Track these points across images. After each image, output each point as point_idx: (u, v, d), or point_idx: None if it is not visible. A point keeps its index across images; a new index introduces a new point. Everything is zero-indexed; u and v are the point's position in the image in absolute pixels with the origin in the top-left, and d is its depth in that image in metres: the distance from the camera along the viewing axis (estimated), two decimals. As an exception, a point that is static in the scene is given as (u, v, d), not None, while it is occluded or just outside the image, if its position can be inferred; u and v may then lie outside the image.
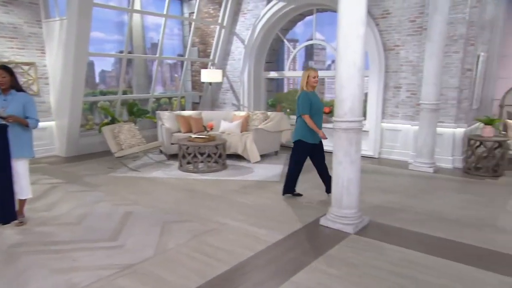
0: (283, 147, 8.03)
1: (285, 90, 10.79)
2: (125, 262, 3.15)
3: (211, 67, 9.12)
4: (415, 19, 6.45)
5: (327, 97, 9.82)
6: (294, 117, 8.63)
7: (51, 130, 7.40)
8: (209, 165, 6.28)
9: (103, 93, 9.29)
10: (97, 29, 8.80)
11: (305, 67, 9.83)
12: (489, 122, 5.93)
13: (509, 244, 3.44)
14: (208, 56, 9.25)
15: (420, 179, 5.78)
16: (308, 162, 4.75)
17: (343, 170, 3.75)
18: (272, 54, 9.08)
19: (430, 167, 6.20)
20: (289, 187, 4.85)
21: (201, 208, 4.48)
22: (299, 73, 9.50)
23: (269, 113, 7.59)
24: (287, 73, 8.78)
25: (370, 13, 6.82)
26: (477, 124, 6.61)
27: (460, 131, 6.40)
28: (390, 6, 6.66)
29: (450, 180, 5.75)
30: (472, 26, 5.95)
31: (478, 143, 6.06)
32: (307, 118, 4.42)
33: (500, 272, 2.94)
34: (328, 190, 4.61)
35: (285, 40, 8.70)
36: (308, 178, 5.41)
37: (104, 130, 6.40)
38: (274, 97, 9.47)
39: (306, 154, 4.67)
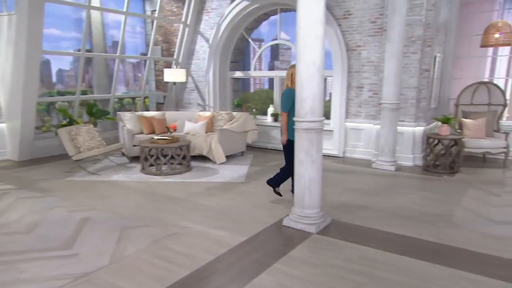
0: (249, 147, 8.04)
1: (252, 90, 10.81)
2: (79, 271, 3.02)
3: (176, 67, 8.97)
4: (375, 20, 6.63)
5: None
6: (260, 117, 8.68)
7: (2, 133, 7.00)
8: (173, 167, 6.16)
9: (60, 93, 8.90)
10: (53, 25, 8.43)
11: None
12: (445, 120, 6.20)
13: (462, 239, 3.59)
14: (172, 55, 9.09)
15: (382, 177, 5.95)
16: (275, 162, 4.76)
17: (304, 170, 3.78)
18: (238, 54, 9.05)
19: (392, 165, 6.40)
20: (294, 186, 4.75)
21: (162, 211, 4.38)
22: (265, 73, 9.53)
23: (234, 113, 7.56)
24: (253, 73, 8.79)
25: (332, 13, 6.95)
26: (435, 122, 6.88)
27: (419, 129, 6.65)
28: (351, 7, 6.81)
29: (410, 177, 5.96)
30: (428, 28, 6.20)
31: (436, 141, 6.31)
32: (283, 116, 4.41)
33: (452, 265, 3.06)
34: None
35: (250, 40, 8.70)
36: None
37: (60, 132, 6.13)
38: (240, 97, 9.45)
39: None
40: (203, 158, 7.01)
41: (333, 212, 4.32)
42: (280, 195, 4.79)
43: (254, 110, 8.76)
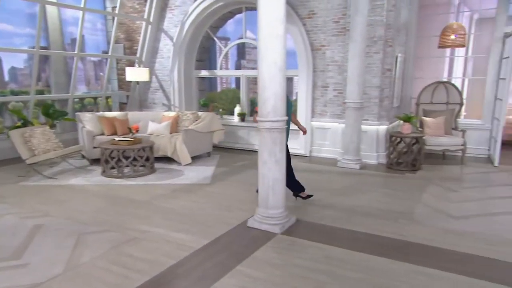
0: (216, 147, 7.97)
1: (219, 89, 10.74)
2: (29, 282, 2.85)
3: (140, 65, 8.74)
4: (338, 20, 6.75)
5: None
6: (227, 117, 8.62)
7: None
8: (135, 169, 5.99)
9: (14, 93, 8.46)
10: (5, 21, 7.99)
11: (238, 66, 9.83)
12: (407, 119, 6.40)
13: (422, 235, 3.71)
14: (135, 53, 8.85)
15: (347, 176, 6.06)
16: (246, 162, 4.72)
17: (268, 170, 3.77)
18: (203, 52, 8.95)
19: (357, 163, 6.53)
20: (296, 188, 4.78)
21: (123, 216, 4.24)
22: (231, 72, 9.50)
23: (200, 113, 7.46)
24: (219, 72, 8.71)
25: (297, 12, 7.01)
26: (398, 121, 7.09)
27: (382, 128, 6.83)
28: (315, 6, 6.90)
29: (374, 175, 6.11)
30: (389, 28, 6.38)
31: (398, 140, 6.51)
32: (293, 117, 4.53)
33: (412, 261, 3.15)
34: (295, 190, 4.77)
35: (215, 38, 8.62)
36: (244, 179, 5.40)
37: (12, 134, 5.81)
38: (207, 96, 9.35)
39: None
40: (168, 159, 6.87)
41: (298, 212, 4.34)
42: (310, 196, 4.80)
43: (220, 110, 8.69)
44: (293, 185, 4.72)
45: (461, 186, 5.43)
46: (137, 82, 8.56)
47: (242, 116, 8.17)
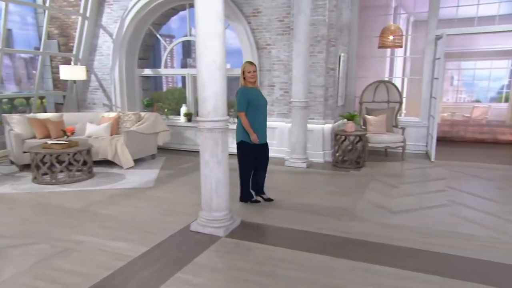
0: (161, 149, 7.74)
1: (164, 88, 10.45)
2: None
3: (76, 63, 8.25)
4: (283, 19, 6.83)
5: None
6: (173, 117, 8.41)
7: None
8: (71, 175, 5.64)
9: None
10: None
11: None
12: (350, 117, 6.62)
13: (363, 231, 3.83)
14: (71, 50, 8.34)
15: (294, 175, 6.14)
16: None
17: (210, 171, 3.70)
18: (146, 50, 8.65)
19: (304, 162, 6.64)
20: (244, 195, 4.63)
21: (54, 226, 3.95)
22: (176, 71, 9.29)
23: (142, 113, 7.20)
24: (163, 70, 8.47)
25: (241, 10, 6.99)
26: (342, 120, 7.32)
27: (328, 126, 7.01)
28: (260, 4, 6.92)
29: (320, 174, 6.25)
30: (332, 28, 6.56)
31: (343, 138, 6.72)
32: (242, 116, 4.30)
33: (353, 258, 3.24)
34: (261, 191, 4.74)
35: (158, 36, 8.37)
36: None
37: None
38: (152, 96, 9.05)
39: (252, 156, 4.45)
40: (108, 163, 6.54)
41: (244, 213, 4.32)
42: (258, 201, 4.69)
43: (166, 110, 8.45)
44: (246, 189, 4.65)
45: (401, 181, 5.71)
46: (74, 81, 8.08)
47: (188, 116, 8.00)
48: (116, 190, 5.21)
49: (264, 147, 4.56)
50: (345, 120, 6.79)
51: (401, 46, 6.98)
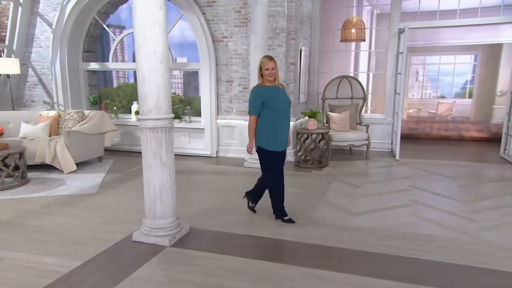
0: (110, 151, 7.46)
1: (115, 84, 10.09)
2: None
3: (11, 55, 7.77)
4: (240, 9, 6.74)
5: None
6: (123, 116, 8.14)
7: None
8: (0, 182, 5.28)
9: None
10: None
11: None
12: (312, 115, 6.64)
13: (319, 235, 3.81)
14: (2, 40, 7.85)
15: (253, 177, 6.00)
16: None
17: (154, 175, 3.55)
18: (92, 42, 8.30)
19: (264, 162, 6.58)
20: (278, 210, 4.15)
21: (-27, 241, 3.66)
22: (127, 65, 8.98)
23: (87, 112, 6.88)
24: (112, 64, 8.16)
25: (195, 0, 6.84)
26: (304, 117, 7.33)
27: (290, 124, 6.97)
28: (215, -6, 6.82)
29: (281, 174, 6.20)
30: (292, 20, 6.55)
31: (305, 136, 6.72)
32: (250, 120, 3.90)
33: (306, 264, 3.20)
34: (278, 212, 4.17)
35: (105, 26, 8.05)
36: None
37: None
38: (100, 93, 8.71)
39: (276, 160, 4.00)
40: (48, 167, 6.20)
41: (195, 219, 4.19)
42: (254, 211, 4.40)
43: (115, 108, 8.15)
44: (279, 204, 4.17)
45: (363, 181, 5.77)
46: (8, 76, 7.60)
47: (139, 115, 7.74)
48: (52, 198, 4.93)
49: (283, 154, 4.09)
50: (307, 117, 6.80)
51: (363, 40, 7.07)
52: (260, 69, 3.86)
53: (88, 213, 4.42)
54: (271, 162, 3.99)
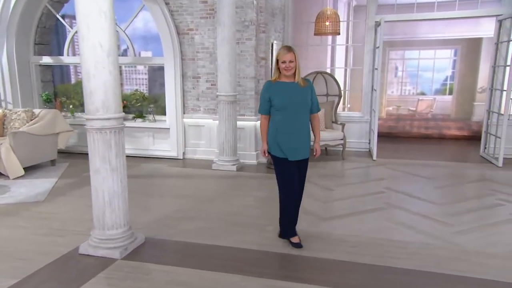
0: (64, 153, 7.23)
1: (73, 80, 9.78)
2: None
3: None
4: (206, 0, 6.63)
5: (126, 89, 9.32)
6: (81, 115, 7.88)
7: None
8: None
9: None
10: None
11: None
12: (284, 113, 6.58)
13: (286, 243, 3.72)
14: None
15: (221, 180, 5.97)
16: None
17: (102, 181, 3.41)
18: (45, 34, 8.02)
19: (234, 164, 6.50)
20: (283, 227, 3.73)
21: None
22: (84, 59, 8.70)
23: (37, 110, 6.62)
24: (67, 58, 7.89)
25: (157, -11, 6.69)
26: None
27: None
28: (179, -18, 6.68)
29: (251, 177, 6.14)
30: (261, 12, 6.49)
31: (277, 135, 6.66)
32: (261, 120, 3.62)
33: (267, 275, 3.13)
34: (286, 231, 3.72)
35: (59, 16, 7.78)
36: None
37: None
38: (57, 89, 8.43)
39: (287, 171, 3.52)
40: (-8, 172, 5.94)
41: (151, 228, 4.07)
42: (300, 245, 3.65)
43: (71, 106, 7.89)
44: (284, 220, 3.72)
45: (337, 183, 5.76)
46: None
47: (98, 114, 7.52)
48: (-6, 207, 4.70)
49: (300, 165, 3.58)
50: (279, 115, 6.74)
51: (338, 33, 7.06)
52: (277, 61, 3.45)
53: (32, 223, 4.23)
54: (282, 172, 3.55)
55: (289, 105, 3.42)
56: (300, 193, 3.69)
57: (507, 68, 6.46)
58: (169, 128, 7.19)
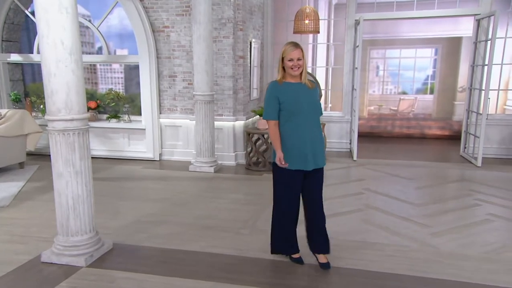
0: (34, 155, 7.06)
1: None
2: None
3: None
4: (182, -4, 6.56)
5: (101, 88, 9.15)
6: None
7: None
8: None
9: None
10: None
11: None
12: (262, 113, 6.52)
13: (260, 246, 3.68)
14: None
15: (198, 182, 5.90)
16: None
17: (66, 185, 3.31)
18: (13, 31, 7.81)
19: (211, 166, 6.43)
20: (274, 243, 3.43)
21: None
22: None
23: (3, 111, 6.43)
24: (38, 56, 7.68)
25: (131, -15, 6.58)
26: (255, 116, 7.24)
27: (239, 124, 6.87)
28: (153, -22, 6.58)
29: (229, 179, 6.08)
30: (239, 9, 6.43)
31: (257, 137, 6.62)
32: (269, 126, 3.25)
33: (238, 281, 3.08)
34: (316, 248, 3.39)
35: (27, 12, 7.59)
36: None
37: None
38: (27, 89, 8.23)
39: (292, 185, 3.22)
40: (-45, 176, 5.75)
41: (121, 233, 3.98)
42: (300, 262, 3.42)
43: (41, 106, 7.70)
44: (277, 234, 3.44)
45: (316, 184, 5.73)
46: None
47: (70, 114, 7.36)
48: (-45, 213, 4.54)
49: (312, 175, 3.23)
50: (258, 116, 6.71)
51: (317, 32, 7.03)
52: (282, 59, 3.12)
53: (-8, 230, 4.09)
54: (286, 186, 3.22)
55: (302, 109, 3.09)
56: (320, 210, 3.36)
57: (485, 68, 6.54)
58: (144, 129, 7.07)
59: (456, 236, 3.90)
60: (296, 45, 3.09)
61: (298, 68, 3.08)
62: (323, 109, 3.47)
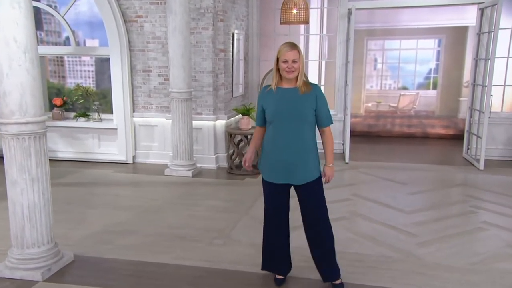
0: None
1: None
2: None
3: None
4: (156, -18, 6.68)
5: (69, 82, 9.24)
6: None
7: None
8: None
9: None
10: None
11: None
12: (245, 112, 6.68)
13: (234, 257, 3.83)
14: None
15: (174, 187, 6.02)
16: None
17: (20, 193, 3.42)
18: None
19: (189, 170, 6.55)
20: (262, 258, 3.50)
21: None
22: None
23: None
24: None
25: (100, -29, 6.68)
26: (238, 115, 7.36)
27: (220, 123, 6.99)
28: (124, -37, 6.69)
29: (207, 184, 6.21)
30: (219, -3, 6.55)
31: (239, 137, 6.75)
32: (254, 133, 3.44)
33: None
34: (324, 277, 3.38)
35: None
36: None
37: None
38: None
39: (271, 198, 3.30)
40: None
41: (84, 245, 4.10)
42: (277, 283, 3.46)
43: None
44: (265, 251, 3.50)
45: (302, 189, 5.87)
46: None
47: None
48: None
49: (302, 190, 3.24)
50: (240, 115, 6.83)
51: (307, 22, 7.15)
52: (277, 61, 3.10)
53: None
54: (265, 196, 3.34)
55: (278, 115, 3.11)
56: (323, 231, 3.34)
57: (489, 62, 6.68)
58: (116, 129, 7.17)
59: (442, 246, 4.05)
60: (293, 45, 3.07)
61: (293, 71, 3.04)
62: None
